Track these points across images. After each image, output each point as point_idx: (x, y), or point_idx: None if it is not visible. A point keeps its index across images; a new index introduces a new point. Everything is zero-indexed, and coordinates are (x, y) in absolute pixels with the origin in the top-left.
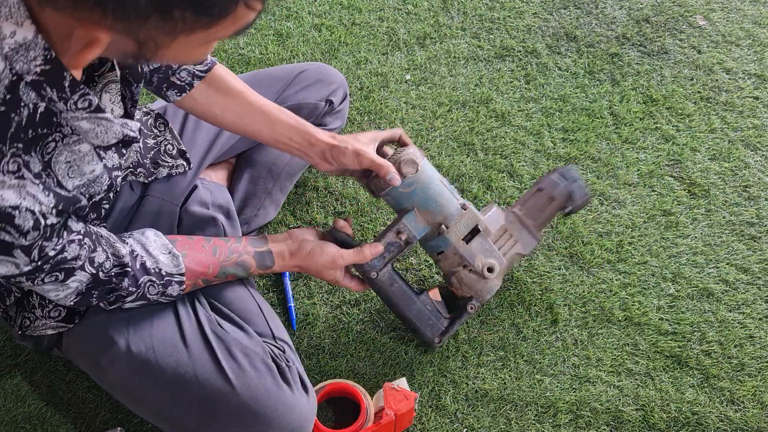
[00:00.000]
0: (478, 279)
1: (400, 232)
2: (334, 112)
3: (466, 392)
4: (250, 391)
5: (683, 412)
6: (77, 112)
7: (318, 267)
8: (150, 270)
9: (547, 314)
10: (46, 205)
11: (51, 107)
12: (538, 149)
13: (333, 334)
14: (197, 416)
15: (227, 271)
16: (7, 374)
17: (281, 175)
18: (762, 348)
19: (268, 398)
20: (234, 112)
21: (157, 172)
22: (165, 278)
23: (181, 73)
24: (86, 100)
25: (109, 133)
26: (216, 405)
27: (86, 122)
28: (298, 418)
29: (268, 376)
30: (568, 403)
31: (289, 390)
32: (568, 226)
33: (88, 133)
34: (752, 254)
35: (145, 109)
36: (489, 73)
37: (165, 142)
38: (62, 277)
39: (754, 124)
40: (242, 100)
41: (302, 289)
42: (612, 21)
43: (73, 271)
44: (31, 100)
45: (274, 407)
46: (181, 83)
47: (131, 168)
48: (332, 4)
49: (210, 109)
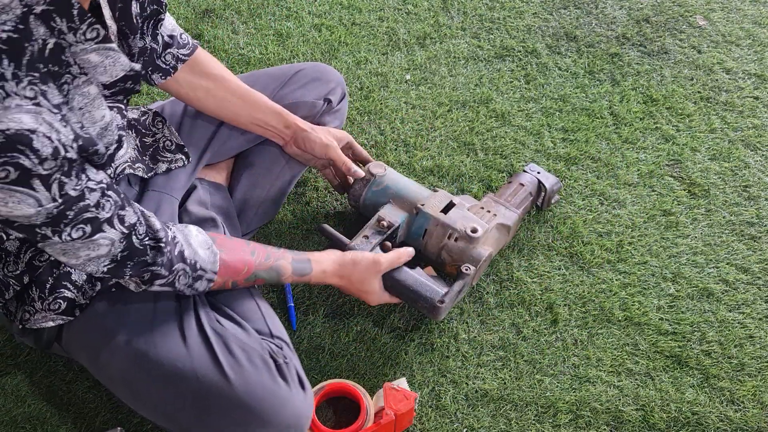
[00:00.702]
0: (465, 245)
1: (381, 219)
2: (333, 111)
3: (466, 392)
4: (247, 386)
5: (683, 412)
6: (86, 44)
7: (361, 273)
8: (187, 260)
9: (547, 314)
10: (65, 136)
11: (60, 41)
12: (538, 149)
13: (333, 334)
14: (194, 411)
15: (259, 275)
16: (7, 374)
17: (281, 174)
18: (762, 348)
19: (264, 393)
20: (216, 96)
21: (156, 167)
22: (198, 272)
23: (166, 57)
24: (94, 29)
25: (117, 65)
26: (212, 400)
27: (95, 54)
28: (294, 415)
29: (264, 371)
30: (568, 403)
31: (285, 386)
32: (568, 226)
33: (96, 67)
34: (752, 254)
35: (143, 109)
36: (489, 73)
37: (163, 139)
38: (89, 230)
39: (754, 124)
40: (223, 84)
41: (302, 289)
42: (612, 21)
43: (100, 224)
44: (40, 36)
45: (269, 403)
46: (165, 66)
47: (129, 163)
48: (332, 4)
49: (193, 93)
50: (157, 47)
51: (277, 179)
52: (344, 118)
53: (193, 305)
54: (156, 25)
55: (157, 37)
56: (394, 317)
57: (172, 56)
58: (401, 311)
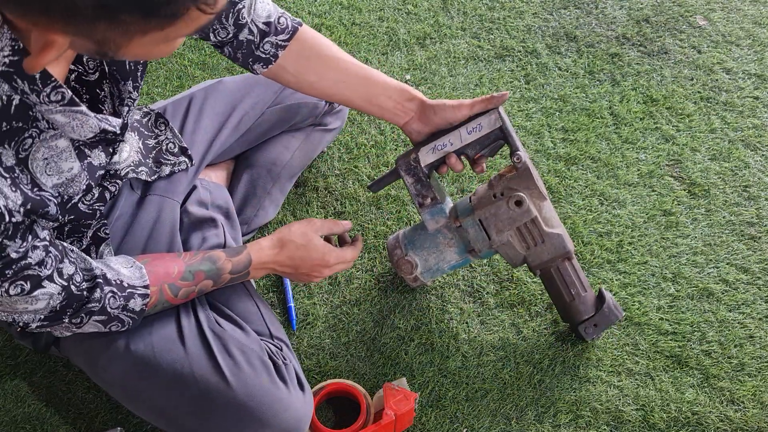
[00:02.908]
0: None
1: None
2: (334, 111)
3: (466, 392)
4: (246, 388)
5: (683, 412)
6: (51, 105)
7: (297, 235)
8: (111, 281)
9: (547, 314)
10: (13, 201)
11: (25, 100)
12: (538, 149)
13: (333, 334)
14: (194, 414)
15: (194, 268)
16: (7, 374)
17: (281, 175)
18: (762, 348)
19: (264, 395)
20: (329, 78)
21: (160, 170)
22: (127, 290)
23: (264, 46)
24: (59, 92)
25: (85, 126)
26: (212, 402)
27: (61, 115)
28: (294, 417)
29: (264, 373)
30: (568, 403)
31: (285, 388)
32: (568, 226)
33: (64, 126)
34: (752, 254)
35: (145, 110)
36: (489, 73)
37: (166, 141)
38: (28, 287)
39: (754, 124)
40: (336, 64)
41: (302, 289)
42: (612, 21)
43: (40, 280)
44: (4, 92)
45: (269, 405)
46: (265, 56)
47: (132, 167)
48: (332, 4)
49: (304, 78)
50: (253, 38)
51: (277, 179)
52: (345, 118)
53: (191, 307)
54: (238, 16)
55: (251, 27)
56: (394, 317)
57: (271, 44)
58: (401, 311)
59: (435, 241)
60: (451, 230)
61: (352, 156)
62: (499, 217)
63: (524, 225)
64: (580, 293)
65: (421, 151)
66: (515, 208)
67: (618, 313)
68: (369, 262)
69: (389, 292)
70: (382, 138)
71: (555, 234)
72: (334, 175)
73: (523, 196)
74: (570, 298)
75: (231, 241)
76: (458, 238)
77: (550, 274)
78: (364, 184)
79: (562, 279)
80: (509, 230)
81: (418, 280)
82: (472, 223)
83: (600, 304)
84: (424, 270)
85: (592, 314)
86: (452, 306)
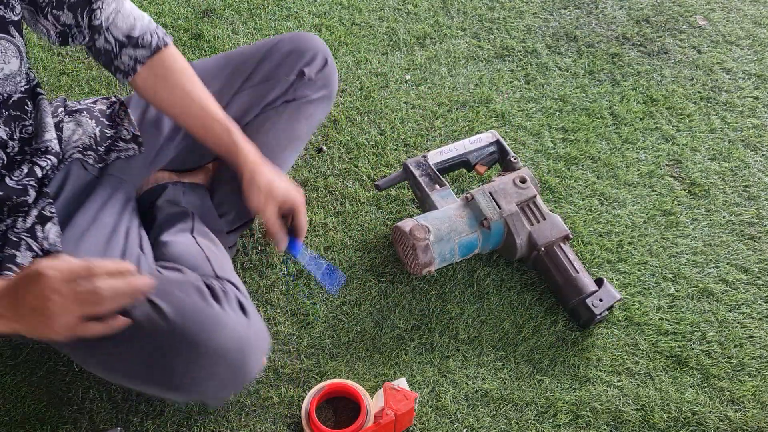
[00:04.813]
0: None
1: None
2: (311, 82)
3: (466, 392)
4: (177, 310)
5: (683, 412)
6: None
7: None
8: None
9: (548, 315)
10: None
11: None
12: (538, 149)
13: (333, 334)
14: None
15: None
16: (7, 374)
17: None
18: (762, 348)
19: (195, 314)
20: (175, 105)
21: (108, 157)
22: None
23: (122, 58)
24: None
25: None
26: (162, 344)
27: None
28: (231, 338)
29: (196, 295)
30: (568, 403)
31: (218, 307)
32: (568, 226)
33: None
34: (752, 254)
35: (113, 99)
36: (489, 73)
37: (122, 129)
38: None
39: (754, 124)
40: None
41: (302, 289)
42: (612, 21)
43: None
44: None
45: (200, 323)
46: (124, 68)
47: (80, 149)
48: (332, 4)
49: (155, 97)
50: (110, 48)
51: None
52: (332, 87)
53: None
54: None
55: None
56: (394, 317)
57: (129, 57)
58: (401, 311)
59: (446, 213)
60: (462, 207)
61: (352, 156)
62: (506, 191)
63: (526, 204)
64: (583, 269)
65: (429, 154)
66: (520, 184)
67: (617, 293)
68: (369, 262)
69: (389, 292)
70: (382, 138)
71: (553, 215)
72: (334, 175)
73: (528, 174)
74: (575, 271)
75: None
76: (470, 211)
77: (554, 251)
78: (364, 184)
79: (566, 255)
80: (515, 204)
81: (428, 253)
82: (483, 195)
83: (600, 284)
84: (435, 239)
85: (596, 289)
86: (452, 306)
